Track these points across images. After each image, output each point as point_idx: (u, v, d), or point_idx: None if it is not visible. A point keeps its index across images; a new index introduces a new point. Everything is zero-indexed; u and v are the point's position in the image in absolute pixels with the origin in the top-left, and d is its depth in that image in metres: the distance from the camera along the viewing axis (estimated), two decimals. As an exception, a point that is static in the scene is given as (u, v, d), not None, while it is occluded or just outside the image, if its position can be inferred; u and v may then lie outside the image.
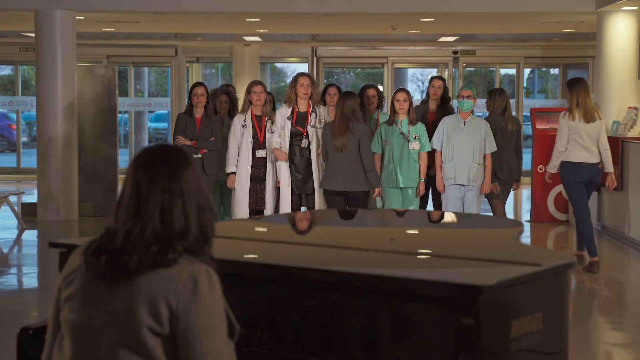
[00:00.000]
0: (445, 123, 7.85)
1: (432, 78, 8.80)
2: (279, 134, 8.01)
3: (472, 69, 19.29)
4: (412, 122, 7.77)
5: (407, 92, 7.88)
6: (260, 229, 4.19)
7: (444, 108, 8.55)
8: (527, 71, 20.21)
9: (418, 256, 3.33)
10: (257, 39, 16.59)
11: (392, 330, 2.59)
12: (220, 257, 2.27)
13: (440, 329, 2.48)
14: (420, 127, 7.82)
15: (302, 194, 7.95)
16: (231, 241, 3.38)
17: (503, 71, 19.55)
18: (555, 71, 20.23)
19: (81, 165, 11.39)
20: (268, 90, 8.66)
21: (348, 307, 2.63)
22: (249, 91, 8.13)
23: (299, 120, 7.94)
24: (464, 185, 7.80)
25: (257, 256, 3.22)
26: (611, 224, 10.32)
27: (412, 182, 7.77)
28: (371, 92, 8.42)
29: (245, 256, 3.17)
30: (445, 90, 8.64)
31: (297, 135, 7.96)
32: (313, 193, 7.88)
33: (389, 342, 2.59)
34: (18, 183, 16.24)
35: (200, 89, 8.60)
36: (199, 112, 8.56)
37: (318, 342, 2.68)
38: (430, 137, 7.91)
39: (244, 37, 16.47)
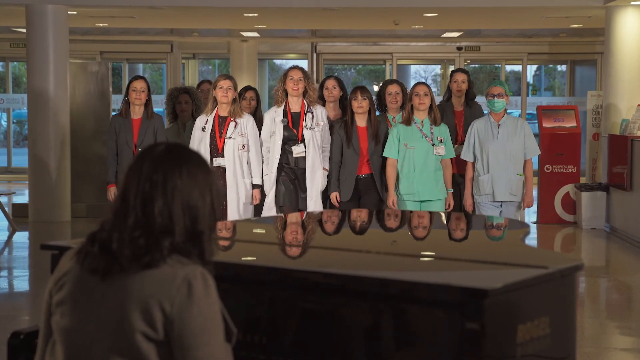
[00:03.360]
0: (475, 128, 6.82)
1: (454, 72, 7.65)
2: (268, 150, 6.89)
3: (476, 65, 19.30)
4: (435, 122, 6.74)
5: (428, 86, 6.81)
6: (259, 231, 4.19)
7: (471, 106, 7.49)
8: (533, 68, 20.21)
9: (421, 258, 3.33)
10: (255, 34, 16.59)
11: (394, 335, 2.59)
12: (218, 259, 2.27)
13: (444, 334, 2.47)
14: (444, 129, 6.78)
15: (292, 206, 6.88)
16: (229, 243, 3.38)
17: (509, 68, 19.55)
18: (562, 68, 20.23)
19: (74, 165, 11.39)
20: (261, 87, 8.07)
21: (349, 311, 2.63)
22: (214, 86, 6.94)
23: (293, 122, 6.88)
24: (503, 201, 6.81)
25: (255, 258, 3.21)
26: (620, 225, 10.32)
27: (436, 194, 6.73)
28: (394, 88, 7.18)
29: (243, 258, 3.17)
30: (470, 84, 7.54)
31: (289, 140, 6.86)
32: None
33: (391, 347, 2.59)
34: (9, 183, 16.24)
35: (140, 82, 7.32)
36: (137, 113, 7.30)
37: (318, 347, 2.68)
38: (455, 141, 7.05)
39: (241, 33, 16.48)
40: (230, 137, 6.82)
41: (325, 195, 6.89)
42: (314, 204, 6.78)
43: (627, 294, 7.82)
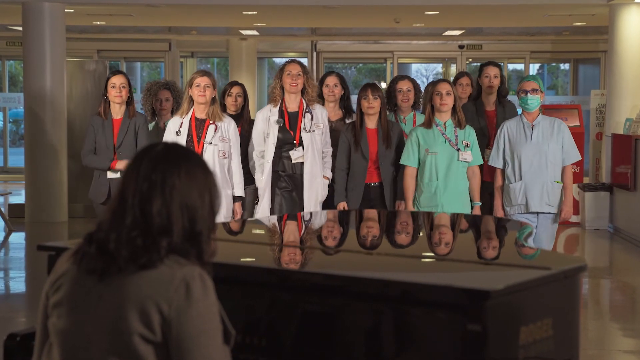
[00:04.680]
0: (506, 129, 6.04)
1: (484, 65, 6.78)
2: (262, 155, 6.21)
3: (478, 64, 19.31)
4: (459, 125, 5.98)
5: (451, 84, 6.08)
6: (259, 231, 4.19)
7: (504, 105, 6.71)
8: (536, 66, 20.22)
9: (423, 259, 3.33)
10: (255, 32, 16.59)
11: (396, 337, 2.58)
12: (217, 261, 2.27)
13: (446, 336, 2.47)
14: (470, 132, 6.02)
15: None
16: (228, 244, 3.38)
17: (511, 66, 19.55)
18: (565, 66, 20.23)
19: (70, 164, 11.39)
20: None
21: (350, 312, 2.63)
22: (190, 84, 6.12)
23: (290, 124, 6.20)
24: (538, 212, 6.03)
25: (255, 259, 3.21)
26: (623, 225, 10.32)
27: (462, 206, 5.94)
28: (405, 84, 6.58)
29: (242, 259, 3.17)
30: (503, 80, 6.75)
31: (285, 144, 6.16)
32: None
33: (392, 349, 2.59)
34: (5, 183, 16.25)
35: (120, 78, 6.55)
36: (118, 112, 6.56)
37: (318, 350, 2.67)
38: (487, 145, 6.31)
39: (240, 31, 16.48)
40: (210, 143, 6.05)
41: (326, 206, 6.24)
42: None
43: (631, 296, 7.82)
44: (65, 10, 11.51)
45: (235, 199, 6.16)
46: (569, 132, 6.09)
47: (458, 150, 5.92)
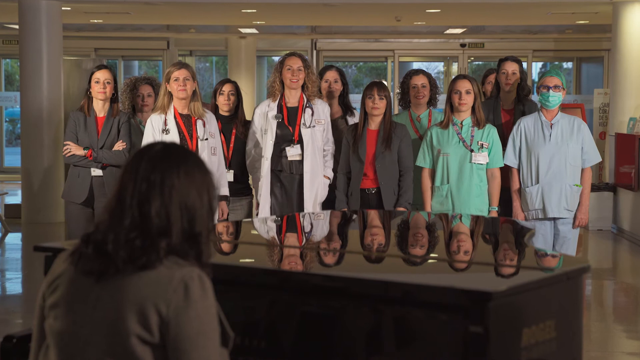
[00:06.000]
0: (523, 127, 5.75)
1: (502, 61, 6.26)
2: (256, 152, 6.00)
3: (480, 62, 19.31)
4: (478, 124, 5.69)
5: (471, 81, 5.72)
6: (259, 232, 4.19)
7: (525, 104, 6.19)
8: (538, 65, 20.23)
9: (424, 260, 3.33)
10: (254, 31, 16.59)
11: (397, 339, 2.59)
12: (216, 262, 2.27)
13: (448, 337, 2.47)
14: (490, 132, 5.70)
15: None
16: (227, 244, 3.38)
17: (513, 65, 19.51)
18: (568, 65, 20.23)
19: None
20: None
21: (351, 314, 2.63)
22: (167, 78, 5.71)
23: (288, 119, 5.93)
24: (556, 218, 5.76)
25: (254, 260, 3.21)
26: (627, 226, 10.32)
27: (475, 210, 5.62)
28: (419, 79, 6.14)
29: (241, 260, 3.17)
30: (523, 76, 6.23)
31: (284, 141, 5.91)
32: None
33: (393, 351, 2.59)
34: (1, 183, 16.24)
35: (104, 73, 6.18)
36: (101, 109, 6.23)
37: (319, 352, 2.67)
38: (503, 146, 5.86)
39: (239, 29, 16.47)
40: (206, 139, 5.73)
41: (327, 208, 5.96)
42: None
43: (635, 297, 7.82)
44: (62, 8, 11.51)
45: (220, 197, 5.80)
46: (589, 131, 5.83)
47: (472, 151, 5.66)
